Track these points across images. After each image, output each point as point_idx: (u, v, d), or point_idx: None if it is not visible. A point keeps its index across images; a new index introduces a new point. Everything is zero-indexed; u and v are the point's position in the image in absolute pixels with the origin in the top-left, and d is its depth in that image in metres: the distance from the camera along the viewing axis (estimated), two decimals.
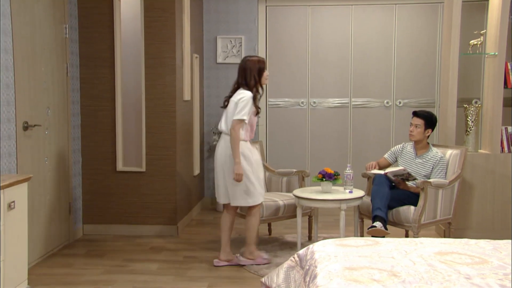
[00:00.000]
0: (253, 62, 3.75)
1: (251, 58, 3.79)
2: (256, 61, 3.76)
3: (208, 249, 4.28)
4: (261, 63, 3.76)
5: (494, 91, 4.41)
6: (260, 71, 3.75)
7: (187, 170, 5.09)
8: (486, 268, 2.22)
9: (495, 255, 2.40)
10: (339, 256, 2.39)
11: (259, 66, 3.74)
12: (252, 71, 3.72)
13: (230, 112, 3.73)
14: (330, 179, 3.94)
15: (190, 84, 5.16)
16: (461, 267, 2.23)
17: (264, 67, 3.78)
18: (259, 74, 3.74)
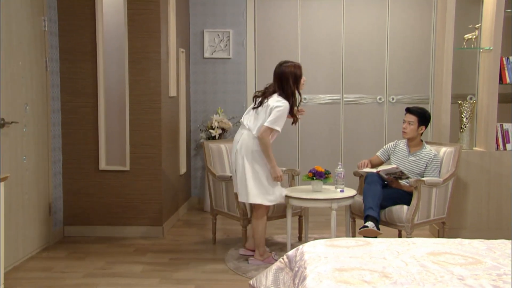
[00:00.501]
0: (289, 69, 3.70)
1: (286, 64, 3.74)
2: (292, 67, 3.71)
3: (195, 251, 4.27)
4: (298, 69, 3.72)
5: (489, 87, 4.44)
6: (297, 79, 3.71)
7: (173, 169, 5.08)
8: (480, 268, 2.24)
9: (489, 255, 2.42)
10: (329, 257, 2.40)
11: (295, 73, 3.70)
12: (288, 80, 3.69)
13: (261, 115, 3.70)
14: (320, 178, 3.95)
15: (176, 79, 5.14)
16: (454, 267, 2.25)
17: (301, 73, 3.73)
18: (296, 82, 3.71)
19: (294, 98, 3.72)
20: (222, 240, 4.57)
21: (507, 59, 4.46)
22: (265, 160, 3.73)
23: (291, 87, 3.69)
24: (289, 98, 3.70)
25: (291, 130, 5.93)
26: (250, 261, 3.94)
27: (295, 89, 3.72)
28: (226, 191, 4.24)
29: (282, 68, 3.74)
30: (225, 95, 5.87)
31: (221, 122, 5.51)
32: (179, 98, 5.34)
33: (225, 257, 4.09)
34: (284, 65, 3.76)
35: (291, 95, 3.70)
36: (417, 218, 3.85)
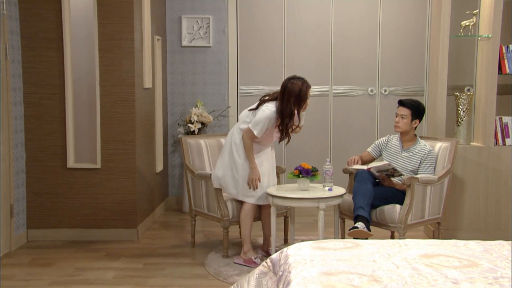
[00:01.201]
0: (294, 87, 3.76)
1: (294, 81, 3.80)
2: (298, 86, 3.76)
3: (172, 255, 4.25)
4: (304, 90, 3.76)
5: (487, 77, 4.48)
6: (300, 100, 3.78)
7: (148, 167, 5.05)
8: (475, 271, 2.25)
9: (485, 257, 2.44)
10: (315, 260, 2.40)
11: (299, 94, 3.76)
12: (290, 98, 3.76)
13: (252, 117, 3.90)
14: (307, 176, 3.95)
15: (151, 69, 5.11)
16: (448, 270, 2.26)
17: (306, 95, 3.77)
18: (297, 103, 3.78)
19: (291, 119, 3.82)
20: (201, 243, 4.56)
21: (507, 48, 4.50)
22: (243, 156, 3.90)
23: (291, 106, 3.77)
24: (283, 115, 3.79)
25: None
26: (235, 260, 4.03)
27: (294, 110, 3.79)
28: (206, 190, 4.23)
29: (288, 84, 3.81)
30: (205, 86, 5.84)
31: (201, 115, 5.49)
32: (155, 90, 5.31)
33: (205, 261, 4.08)
34: (292, 80, 3.83)
35: (288, 114, 3.79)
36: (410, 218, 3.87)
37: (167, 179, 5.89)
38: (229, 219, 4.11)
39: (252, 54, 5.88)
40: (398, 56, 5.86)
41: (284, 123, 3.82)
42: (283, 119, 3.81)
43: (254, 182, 3.94)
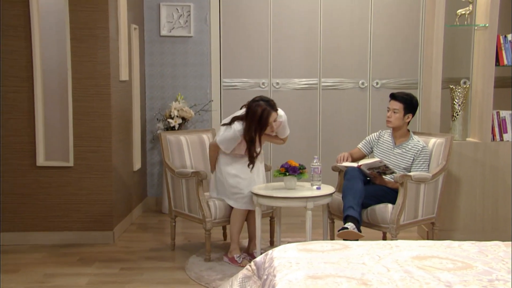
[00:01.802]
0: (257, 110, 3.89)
1: (258, 103, 3.92)
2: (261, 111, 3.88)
3: (151, 259, 4.24)
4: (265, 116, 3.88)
5: (484, 69, 4.50)
6: (261, 126, 3.92)
7: (125, 165, 5.04)
8: (470, 274, 2.27)
9: (480, 259, 2.46)
10: (301, 263, 2.41)
11: (259, 120, 3.89)
12: (252, 123, 3.92)
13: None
14: (294, 174, 3.95)
15: (128, 61, 5.08)
16: (442, 273, 2.27)
17: (266, 122, 3.89)
18: (259, 129, 3.93)
19: (252, 144, 3.96)
20: (182, 246, 4.55)
21: (505, 38, 4.53)
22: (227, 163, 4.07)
23: (252, 132, 3.92)
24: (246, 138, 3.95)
25: None
26: (224, 258, 4.15)
27: (255, 136, 3.94)
28: (187, 190, 4.22)
29: (252, 105, 3.94)
30: (185, 79, 5.82)
31: (181, 110, 5.48)
32: (132, 83, 5.29)
33: (186, 265, 4.07)
34: (256, 103, 3.95)
35: (250, 139, 3.95)
36: (403, 218, 3.89)
37: (145, 178, 5.86)
38: (212, 220, 4.10)
39: (236, 44, 5.87)
40: (390, 47, 5.88)
41: (250, 149, 3.99)
42: (249, 147, 3.98)
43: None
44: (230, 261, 4.09)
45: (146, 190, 5.91)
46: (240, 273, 2.81)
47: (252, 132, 3.94)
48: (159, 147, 5.71)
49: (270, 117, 3.93)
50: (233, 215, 4.12)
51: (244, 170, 4.09)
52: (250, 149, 4.00)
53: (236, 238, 4.12)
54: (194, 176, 4.13)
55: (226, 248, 4.45)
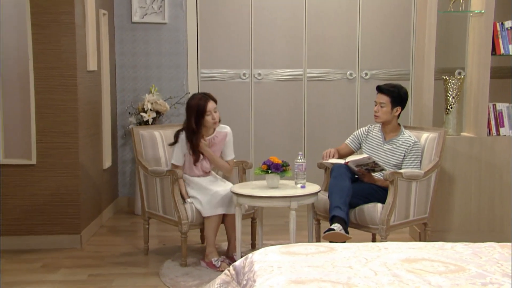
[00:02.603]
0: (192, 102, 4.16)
1: (193, 97, 4.23)
2: (196, 100, 4.15)
3: (122, 264, 4.23)
4: (201, 103, 4.12)
5: (480, 59, 4.54)
6: (199, 114, 4.13)
7: (94, 163, 5.02)
8: (462, 277, 2.29)
9: (473, 261, 2.48)
10: (283, 267, 2.41)
11: (197, 108, 4.12)
12: (191, 115, 4.15)
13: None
14: (277, 171, 3.95)
15: (97, 49, 5.06)
16: (433, 276, 2.29)
17: (204, 108, 4.12)
18: (198, 118, 4.13)
19: (194, 135, 4.15)
20: (156, 250, 4.54)
21: (502, 25, 4.56)
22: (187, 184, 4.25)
23: (192, 123, 4.14)
24: (188, 132, 4.16)
25: (243, 113, 5.93)
26: (201, 263, 4.18)
27: (195, 126, 4.14)
28: (161, 190, 4.21)
29: (189, 100, 4.23)
30: (160, 70, 5.80)
31: (155, 103, 5.46)
32: (102, 73, 5.26)
33: (160, 270, 4.07)
34: (192, 96, 4.26)
35: (191, 131, 4.15)
36: (393, 218, 3.92)
37: (116, 177, 5.84)
38: (188, 222, 4.10)
39: (215, 32, 5.85)
40: (380, 35, 5.90)
41: (192, 142, 4.16)
42: (191, 139, 4.16)
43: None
44: (208, 265, 4.10)
45: (117, 190, 5.89)
46: (218, 278, 2.81)
47: (193, 124, 4.12)
48: (131, 143, 5.67)
49: (208, 104, 4.13)
50: (207, 219, 4.14)
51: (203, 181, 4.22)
52: (192, 140, 4.14)
53: (212, 241, 4.13)
54: (169, 175, 4.12)
55: (204, 252, 4.44)
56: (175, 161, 4.22)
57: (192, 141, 4.16)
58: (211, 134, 4.27)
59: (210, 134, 4.26)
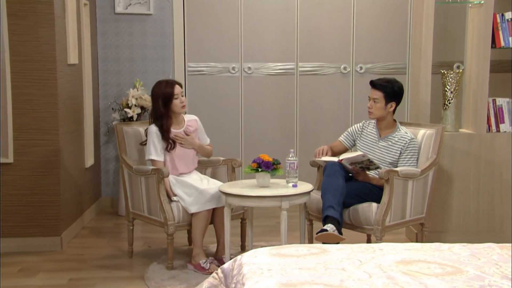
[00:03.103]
0: (157, 88, 4.26)
1: (159, 83, 4.31)
2: (162, 85, 4.26)
3: (105, 267, 4.22)
4: (168, 88, 4.23)
5: (479, 52, 4.56)
6: (166, 98, 4.22)
7: (75, 161, 5.01)
8: (460, 279, 2.30)
9: (472, 263, 2.50)
10: (274, 269, 2.42)
11: (164, 92, 4.22)
12: (158, 100, 4.24)
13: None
14: (267, 170, 3.95)
15: (78, 41, 5.04)
16: (429, 279, 2.30)
17: (172, 92, 4.22)
18: (166, 102, 4.22)
19: (166, 120, 4.22)
20: (141, 252, 4.54)
21: (502, 16, 4.57)
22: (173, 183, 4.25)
23: (160, 108, 4.22)
24: (157, 118, 4.24)
25: (232, 108, 5.93)
26: (188, 265, 4.18)
27: (163, 110, 4.22)
28: (146, 189, 4.20)
29: (154, 87, 4.31)
30: (145, 63, 5.79)
31: (140, 98, 5.45)
32: (83, 67, 5.25)
33: (146, 274, 4.07)
34: (157, 82, 4.34)
35: (159, 115, 4.23)
36: (389, 219, 3.93)
37: (99, 176, 5.83)
38: (175, 223, 4.09)
39: (203, 23, 5.84)
40: (375, 27, 5.91)
41: (162, 128, 4.21)
42: (161, 124, 4.22)
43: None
44: (196, 268, 4.10)
45: (100, 189, 5.87)
46: (205, 281, 2.81)
47: (161, 107, 4.21)
48: (114, 140, 5.66)
49: (174, 88, 4.23)
50: (197, 220, 4.13)
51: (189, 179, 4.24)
52: (162, 126, 4.20)
53: (199, 242, 4.14)
54: (154, 174, 4.11)
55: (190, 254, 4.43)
56: (154, 156, 4.21)
57: (162, 126, 4.20)
58: (183, 124, 4.33)
59: (181, 123, 4.33)
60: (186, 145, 4.31)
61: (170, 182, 4.22)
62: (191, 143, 4.33)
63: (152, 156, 4.21)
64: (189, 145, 4.32)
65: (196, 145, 4.36)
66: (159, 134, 4.21)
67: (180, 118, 4.34)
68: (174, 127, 4.28)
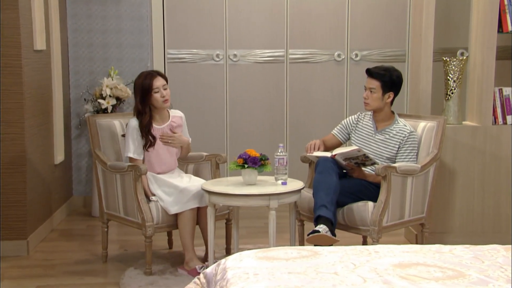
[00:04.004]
0: (137, 81, 4.26)
1: (140, 74, 4.31)
2: (141, 78, 4.25)
3: (77, 273, 4.22)
4: (147, 81, 4.21)
5: (484, 37, 4.57)
6: (145, 93, 4.21)
7: (44, 157, 4.99)
8: (462, 283, 2.31)
9: (474, 266, 2.51)
10: (261, 274, 2.42)
11: (142, 86, 4.21)
12: (136, 95, 4.26)
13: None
14: (254, 166, 3.95)
15: (45, 25, 5.01)
16: (428, 283, 2.31)
17: (151, 87, 4.19)
18: (144, 97, 4.22)
19: (145, 116, 4.22)
20: (116, 257, 4.54)
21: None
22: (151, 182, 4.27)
23: (138, 104, 4.23)
24: (142, 114, 4.22)
25: (216, 99, 5.92)
26: (179, 270, 4.19)
27: (141, 107, 4.22)
28: (122, 188, 4.20)
29: (135, 80, 4.32)
30: (120, 50, 5.78)
31: (115, 88, 5.44)
32: (52, 53, 5.23)
33: (121, 280, 4.07)
34: (139, 74, 4.33)
35: (139, 113, 4.23)
36: (386, 219, 3.94)
37: (70, 173, 5.82)
38: (153, 224, 4.08)
39: (184, 6, 5.83)
40: (372, 11, 5.92)
41: (141, 124, 4.21)
42: (140, 119, 4.22)
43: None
44: (190, 273, 4.06)
45: (71, 188, 5.86)
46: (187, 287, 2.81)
47: (138, 104, 4.21)
48: (87, 134, 5.65)
49: (154, 81, 4.19)
50: (182, 222, 4.13)
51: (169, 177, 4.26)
52: (141, 122, 4.19)
53: (190, 246, 4.13)
54: (131, 171, 4.10)
55: (171, 258, 4.46)
56: (133, 153, 4.21)
57: (141, 122, 4.20)
58: (167, 120, 4.32)
59: (165, 118, 4.31)
60: (175, 144, 4.30)
61: (148, 180, 4.22)
62: (180, 141, 4.33)
63: (130, 154, 4.21)
64: (178, 143, 4.32)
65: (185, 143, 4.37)
66: (139, 130, 4.21)
67: (164, 113, 4.32)
68: (157, 123, 4.27)
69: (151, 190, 4.20)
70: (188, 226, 4.12)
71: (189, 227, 4.13)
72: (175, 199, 4.10)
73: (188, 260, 4.13)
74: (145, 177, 4.18)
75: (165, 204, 4.12)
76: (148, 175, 4.22)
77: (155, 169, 4.27)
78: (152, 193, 4.19)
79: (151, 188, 4.21)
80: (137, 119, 4.22)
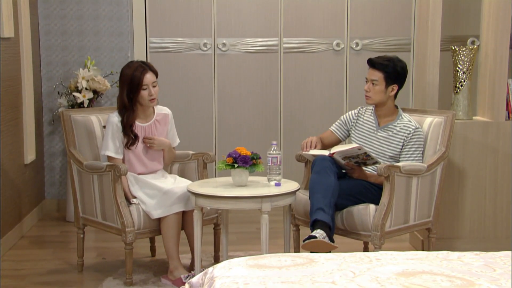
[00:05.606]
0: (125, 72, 4.24)
1: (130, 64, 4.29)
2: (131, 69, 4.22)
3: (50, 284, 4.21)
4: (136, 74, 4.18)
5: (497, 24, 4.58)
6: (133, 87, 4.18)
7: (12, 156, 5.00)
8: None
9: (486, 275, 2.52)
10: (251, 284, 2.43)
11: (131, 79, 4.18)
12: (123, 87, 4.23)
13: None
14: (245, 165, 3.96)
15: (13, 10, 5.00)
16: None
17: (141, 81, 4.16)
18: (131, 92, 4.19)
19: (127, 111, 4.21)
20: (93, 266, 4.54)
21: None
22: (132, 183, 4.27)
23: (124, 98, 4.21)
24: (122, 109, 4.23)
25: (203, 92, 5.92)
26: (162, 280, 4.19)
27: (128, 102, 4.21)
28: (100, 190, 4.20)
29: (123, 68, 4.30)
30: (97, 38, 5.78)
31: (92, 80, 5.43)
32: (21, 41, 5.23)
33: None
34: (128, 64, 4.33)
35: (123, 107, 4.22)
36: (389, 223, 3.95)
37: (42, 174, 5.81)
38: (134, 230, 4.09)
39: None
40: None
41: (124, 121, 4.20)
42: (123, 116, 4.21)
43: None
44: (175, 284, 4.06)
45: (43, 190, 5.86)
46: None
47: (125, 98, 4.20)
48: (61, 131, 5.64)
49: (145, 76, 4.18)
50: (166, 226, 4.13)
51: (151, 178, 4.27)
52: (125, 118, 4.19)
53: (175, 253, 4.13)
54: (110, 171, 4.10)
55: (153, 267, 4.47)
56: (112, 151, 4.21)
57: (123, 118, 4.20)
58: (151, 117, 4.32)
59: (149, 116, 4.32)
60: (154, 147, 4.30)
61: (128, 181, 4.22)
62: (161, 145, 4.32)
63: (108, 152, 4.21)
64: (159, 147, 4.32)
65: (166, 146, 4.36)
66: (120, 127, 4.20)
67: (149, 110, 4.33)
68: (140, 120, 4.27)
69: (132, 192, 4.20)
70: (173, 232, 4.12)
71: (174, 232, 4.12)
72: (158, 202, 4.10)
73: (172, 269, 4.13)
74: (125, 178, 4.18)
75: (147, 207, 4.12)
76: (129, 176, 4.21)
77: (136, 170, 4.26)
78: (133, 195, 4.19)
79: (131, 190, 4.20)
80: (119, 115, 4.21)
